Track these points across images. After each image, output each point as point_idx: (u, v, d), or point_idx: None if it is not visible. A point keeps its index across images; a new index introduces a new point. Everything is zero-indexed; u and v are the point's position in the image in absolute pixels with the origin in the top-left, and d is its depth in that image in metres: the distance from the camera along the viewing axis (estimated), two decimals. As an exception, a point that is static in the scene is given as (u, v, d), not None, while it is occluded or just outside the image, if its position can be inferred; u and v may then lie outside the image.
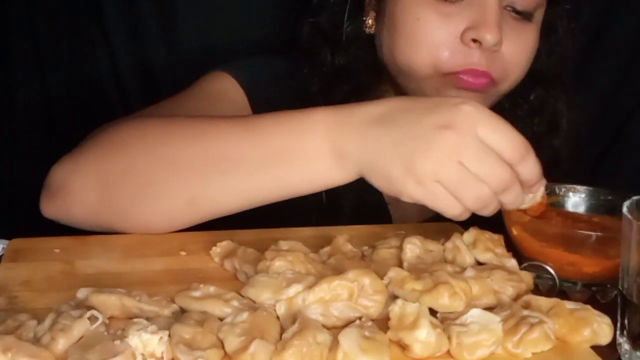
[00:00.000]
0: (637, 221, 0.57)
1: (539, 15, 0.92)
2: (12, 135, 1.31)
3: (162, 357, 0.54)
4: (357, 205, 0.94)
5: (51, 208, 0.78)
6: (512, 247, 0.74)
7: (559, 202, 0.80)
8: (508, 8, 0.88)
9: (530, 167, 0.66)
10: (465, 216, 0.67)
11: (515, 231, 0.74)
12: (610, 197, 0.77)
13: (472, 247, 0.72)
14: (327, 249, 0.73)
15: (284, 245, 0.70)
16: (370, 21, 0.95)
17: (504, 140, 0.64)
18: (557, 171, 0.98)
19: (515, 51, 0.89)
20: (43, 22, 1.27)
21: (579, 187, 0.80)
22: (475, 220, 0.76)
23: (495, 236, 0.74)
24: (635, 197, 0.61)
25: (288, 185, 0.71)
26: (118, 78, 1.31)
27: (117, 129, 0.78)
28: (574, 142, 1.03)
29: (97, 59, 1.30)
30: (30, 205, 1.33)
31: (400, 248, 0.71)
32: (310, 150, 0.69)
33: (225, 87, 0.94)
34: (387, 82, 0.97)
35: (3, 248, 0.73)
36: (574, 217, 0.77)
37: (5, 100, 1.30)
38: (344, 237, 0.74)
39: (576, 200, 0.79)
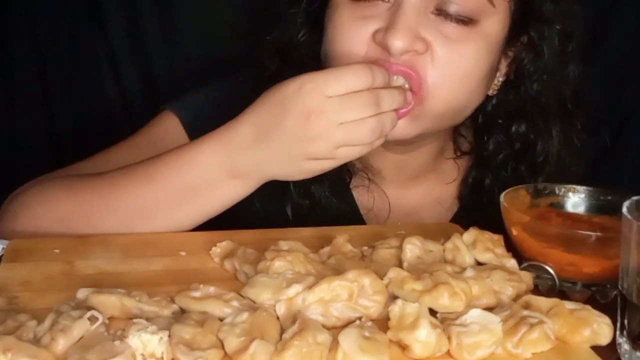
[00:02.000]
0: (637, 221, 0.57)
1: (490, 26, 0.84)
2: (12, 135, 1.31)
3: (162, 358, 0.54)
4: (324, 219, 0.90)
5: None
6: (512, 247, 0.74)
7: (559, 202, 0.80)
8: (435, 12, 0.82)
9: (380, 74, 0.74)
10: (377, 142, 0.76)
11: (515, 231, 0.74)
12: (610, 197, 0.77)
13: (472, 247, 0.72)
14: (327, 249, 0.73)
15: (283, 245, 0.70)
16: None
17: (349, 80, 0.72)
18: (556, 171, 0.98)
19: (444, 60, 0.81)
20: (43, 23, 1.27)
21: (579, 187, 0.80)
22: (475, 221, 0.76)
23: (495, 236, 0.74)
24: (635, 198, 0.61)
25: (205, 212, 0.80)
26: (118, 78, 1.31)
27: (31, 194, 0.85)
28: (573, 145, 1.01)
29: (97, 59, 1.30)
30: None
31: (400, 248, 0.71)
32: (211, 181, 0.77)
33: (168, 129, 0.96)
34: None
35: (3, 248, 0.73)
36: (573, 217, 0.77)
37: (5, 100, 1.30)
38: (344, 237, 0.74)
39: (576, 200, 0.79)
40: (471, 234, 0.73)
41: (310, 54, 0.92)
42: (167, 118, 0.97)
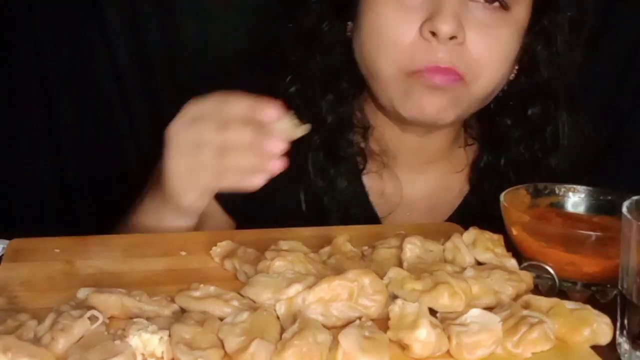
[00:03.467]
0: (637, 221, 0.57)
1: (520, 12, 0.88)
2: (12, 135, 1.31)
3: (162, 357, 0.54)
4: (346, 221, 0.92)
5: None
6: (512, 247, 0.74)
7: (559, 202, 0.80)
8: (474, 0, 0.84)
9: (230, 105, 0.73)
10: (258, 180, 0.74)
11: (515, 231, 0.74)
12: (610, 197, 0.77)
13: (472, 247, 0.72)
14: (327, 249, 0.73)
15: (284, 245, 0.70)
16: (350, 24, 0.93)
17: (202, 106, 0.74)
18: (556, 171, 0.99)
19: (484, 46, 0.85)
20: (43, 23, 1.27)
21: (579, 187, 0.80)
22: (475, 221, 0.76)
23: (495, 236, 0.74)
24: (634, 197, 0.61)
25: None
26: (117, 77, 1.31)
27: None
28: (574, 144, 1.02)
29: (96, 58, 1.30)
30: (30, 206, 1.34)
31: (400, 248, 0.71)
32: (158, 223, 0.82)
33: None
34: (364, 86, 0.95)
35: (3, 248, 0.73)
36: (573, 217, 0.77)
37: (5, 100, 1.30)
38: (344, 237, 0.74)
39: (576, 200, 0.79)
40: (471, 234, 0.73)
41: (335, 41, 0.94)
42: None
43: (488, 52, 0.85)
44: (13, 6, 1.25)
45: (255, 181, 0.74)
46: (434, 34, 0.82)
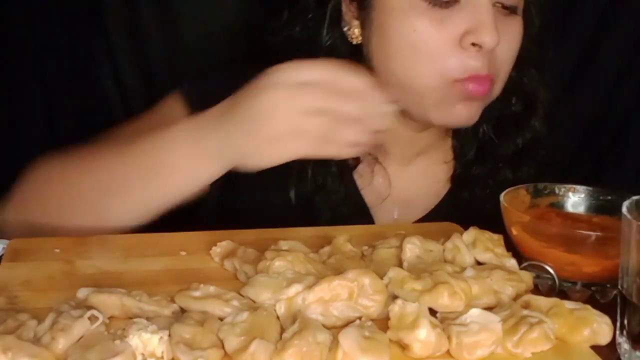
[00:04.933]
0: (637, 221, 0.57)
1: (521, 5, 0.91)
2: (12, 135, 1.31)
3: (162, 357, 0.54)
4: (337, 216, 0.93)
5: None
6: (512, 247, 0.74)
7: (559, 202, 0.80)
8: (497, 4, 0.87)
9: (347, 78, 0.73)
10: (330, 151, 0.75)
11: (515, 231, 0.74)
12: (610, 197, 0.77)
13: (472, 247, 0.72)
14: (327, 249, 0.73)
15: (284, 245, 0.70)
16: (356, 30, 0.92)
17: (320, 73, 0.73)
18: (555, 171, 0.99)
19: (507, 48, 0.89)
20: (43, 22, 1.27)
21: (579, 187, 0.80)
22: (475, 221, 0.76)
23: (495, 236, 0.74)
24: (634, 197, 0.61)
25: (172, 193, 0.80)
26: (118, 78, 1.31)
27: (35, 173, 0.90)
28: (574, 142, 1.03)
29: (96, 59, 1.30)
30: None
31: (400, 248, 0.71)
32: (177, 159, 0.78)
33: (174, 111, 0.96)
34: None
35: (3, 248, 0.73)
36: (573, 217, 0.78)
37: (5, 100, 1.30)
38: (344, 237, 0.74)
39: (576, 200, 0.79)
40: (471, 234, 0.74)
41: (331, 52, 0.93)
42: (175, 105, 0.97)
43: (509, 52, 0.90)
44: (13, 6, 1.25)
45: (352, 153, 0.77)
46: (474, 44, 0.84)
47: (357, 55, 0.92)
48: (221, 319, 0.58)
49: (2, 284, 0.65)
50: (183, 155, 0.78)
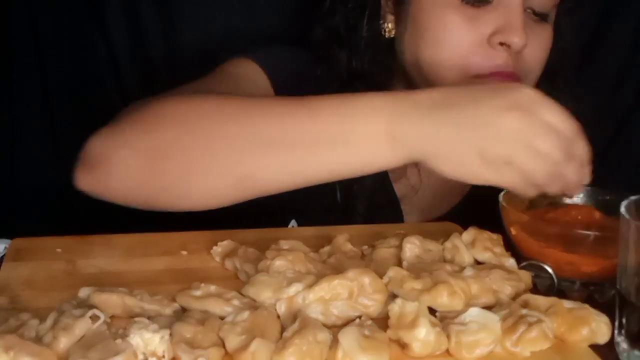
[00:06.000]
0: (635, 221, 0.57)
1: (552, 15, 0.93)
2: (12, 135, 1.31)
3: (163, 356, 0.54)
4: (370, 204, 0.94)
5: (88, 181, 0.74)
6: (511, 246, 0.74)
7: (558, 202, 0.80)
8: (528, 10, 0.89)
9: (583, 145, 0.69)
10: (533, 192, 0.68)
11: (514, 231, 0.74)
12: (609, 197, 0.77)
13: (471, 246, 0.72)
14: (327, 248, 0.73)
15: (284, 244, 0.70)
16: (389, 25, 0.95)
17: (563, 121, 0.67)
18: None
19: (535, 52, 0.90)
20: (44, 22, 1.27)
21: (578, 187, 0.80)
22: (474, 220, 0.76)
23: (494, 236, 0.74)
24: (633, 197, 0.61)
25: (338, 168, 0.70)
26: (118, 76, 1.31)
27: (162, 103, 0.75)
28: None
29: (97, 58, 1.30)
30: (32, 205, 1.34)
31: (399, 247, 0.71)
32: (365, 135, 0.67)
33: (250, 72, 0.93)
34: (401, 86, 0.97)
35: (5, 247, 0.74)
36: (572, 216, 0.78)
37: (5, 100, 1.30)
38: (344, 237, 0.74)
39: (575, 200, 0.80)
40: (470, 234, 0.74)
41: (370, 43, 0.95)
42: (247, 64, 0.93)
43: (538, 56, 0.91)
44: (13, 6, 1.25)
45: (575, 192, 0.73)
46: (502, 44, 0.86)
47: (391, 49, 0.95)
48: (222, 318, 0.58)
49: (4, 284, 0.66)
50: (369, 133, 0.67)
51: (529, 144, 0.65)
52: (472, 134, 0.65)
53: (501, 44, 0.86)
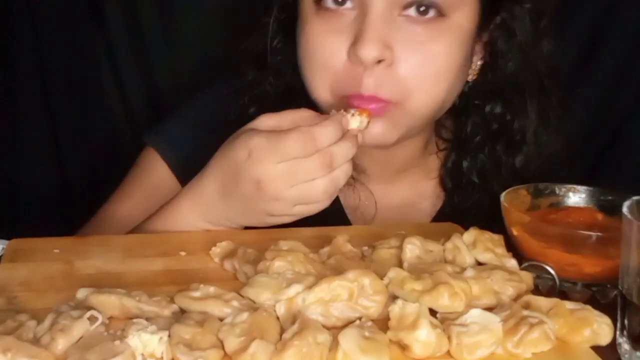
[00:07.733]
0: (637, 221, 0.57)
1: (460, 17, 0.82)
2: (12, 135, 1.31)
3: (161, 358, 0.54)
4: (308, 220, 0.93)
5: None
6: (512, 247, 0.74)
7: (559, 202, 0.79)
8: (403, 14, 0.79)
9: (326, 134, 0.72)
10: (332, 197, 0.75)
11: (515, 231, 0.74)
12: (610, 197, 0.77)
13: (472, 247, 0.72)
14: (327, 249, 0.73)
15: (283, 245, 0.70)
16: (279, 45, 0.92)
17: (293, 150, 0.71)
18: (555, 172, 0.98)
19: (415, 64, 0.80)
20: (44, 23, 1.27)
21: (579, 187, 0.80)
22: (475, 221, 0.76)
23: (495, 236, 0.74)
24: (635, 197, 0.61)
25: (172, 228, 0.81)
26: (118, 79, 1.31)
27: None
28: (573, 142, 1.01)
29: (97, 60, 1.30)
30: (30, 206, 1.34)
31: (400, 248, 0.71)
32: (187, 227, 0.80)
33: (155, 172, 0.99)
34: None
35: (3, 248, 0.73)
36: (574, 217, 0.77)
37: (5, 100, 1.30)
38: (344, 238, 0.74)
39: (576, 200, 0.79)
40: (471, 234, 0.73)
41: (286, 62, 0.92)
42: (152, 159, 0.99)
43: (420, 70, 0.81)
44: (13, 7, 1.25)
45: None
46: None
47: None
48: (221, 320, 0.58)
49: (1, 285, 0.65)
50: (195, 226, 0.79)
51: (291, 188, 0.72)
52: (254, 206, 0.75)
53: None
